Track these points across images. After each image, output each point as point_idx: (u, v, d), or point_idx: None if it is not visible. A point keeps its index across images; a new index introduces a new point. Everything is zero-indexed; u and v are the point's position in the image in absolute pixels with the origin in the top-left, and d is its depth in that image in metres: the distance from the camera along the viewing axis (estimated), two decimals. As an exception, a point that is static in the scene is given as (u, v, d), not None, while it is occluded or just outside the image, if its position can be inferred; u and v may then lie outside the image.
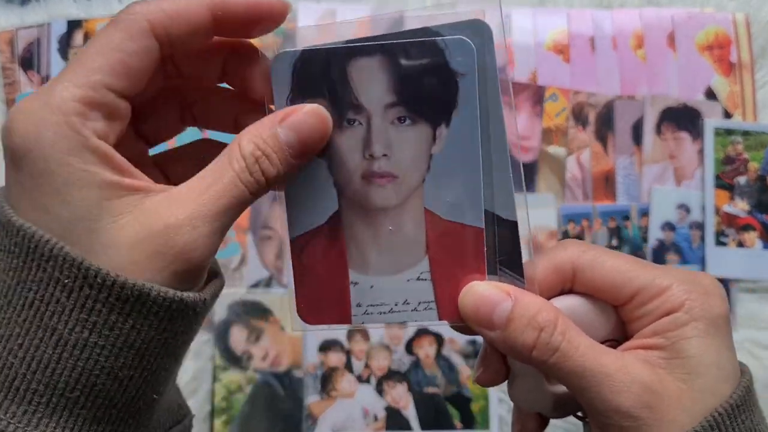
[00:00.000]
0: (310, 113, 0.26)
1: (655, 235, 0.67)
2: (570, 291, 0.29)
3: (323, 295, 0.29)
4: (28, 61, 0.71)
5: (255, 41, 0.28)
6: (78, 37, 0.70)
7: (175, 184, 0.25)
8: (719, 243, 0.67)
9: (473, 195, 0.27)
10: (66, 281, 0.22)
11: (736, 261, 0.67)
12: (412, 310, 0.28)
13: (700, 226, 0.67)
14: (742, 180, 0.68)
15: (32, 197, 0.23)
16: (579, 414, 0.32)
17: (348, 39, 0.27)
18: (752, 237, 0.67)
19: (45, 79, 0.70)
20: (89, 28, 0.70)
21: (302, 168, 0.27)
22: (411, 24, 0.28)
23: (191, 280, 0.25)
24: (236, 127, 0.29)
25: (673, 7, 0.71)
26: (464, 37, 0.26)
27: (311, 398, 0.64)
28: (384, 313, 0.28)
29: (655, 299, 0.27)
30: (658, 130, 0.68)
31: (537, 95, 0.68)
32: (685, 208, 0.67)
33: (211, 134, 0.32)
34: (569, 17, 0.70)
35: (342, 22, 0.30)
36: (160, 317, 0.23)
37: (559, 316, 0.27)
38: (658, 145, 0.68)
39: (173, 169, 0.30)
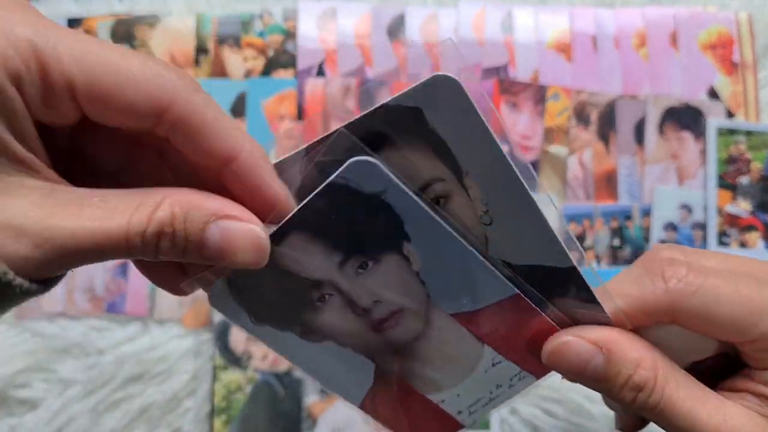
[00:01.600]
0: (252, 235, 0.22)
1: (658, 235, 0.66)
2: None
3: (422, 423, 0.27)
4: (28, 59, 0.71)
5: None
6: (78, 35, 0.70)
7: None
8: (721, 243, 0.67)
9: (481, 275, 0.25)
10: None
11: (739, 261, 0.67)
12: (509, 387, 0.27)
13: (702, 227, 0.67)
14: (744, 180, 0.68)
15: None
16: None
17: None
18: (755, 237, 0.67)
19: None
20: (89, 26, 0.70)
21: (318, 360, 0.25)
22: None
23: None
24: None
25: (676, 6, 0.71)
26: (352, 160, 0.22)
27: (311, 398, 0.64)
28: (486, 404, 0.27)
29: None
30: (661, 129, 0.68)
31: (538, 94, 0.68)
32: (687, 208, 0.67)
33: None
34: (571, 16, 0.69)
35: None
36: None
37: (658, 367, 0.24)
38: (661, 145, 0.68)
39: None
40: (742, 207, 0.67)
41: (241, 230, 0.21)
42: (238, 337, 0.64)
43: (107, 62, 0.20)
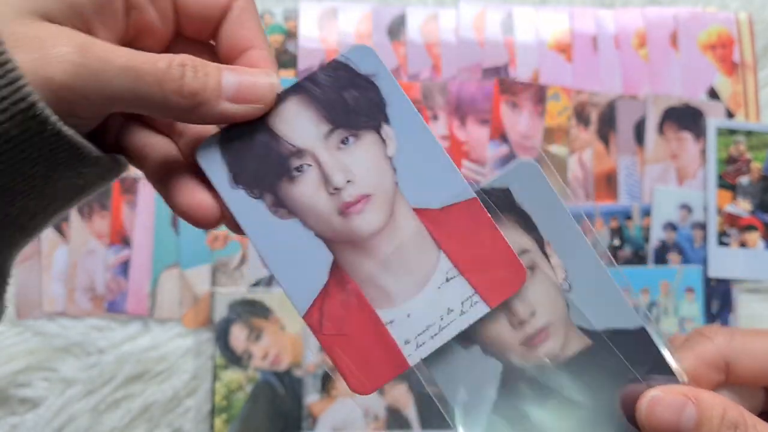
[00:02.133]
0: (263, 72, 0.26)
1: (657, 235, 0.67)
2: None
3: (367, 355, 0.27)
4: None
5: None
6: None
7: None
8: (721, 243, 0.67)
9: (447, 173, 0.27)
10: None
11: (738, 261, 0.67)
12: (460, 315, 0.27)
13: (702, 227, 0.67)
14: (744, 180, 0.68)
15: None
16: None
17: None
18: (754, 237, 0.67)
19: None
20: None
21: (278, 240, 0.27)
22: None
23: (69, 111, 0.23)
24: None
25: (676, 6, 0.71)
26: (355, 45, 0.27)
27: (311, 397, 0.64)
28: (435, 335, 0.27)
29: None
30: (661, 129, 0.68)
31: (539, 94, 0.68)
32: (687, 208, 0.67)
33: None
34: (571, 16, 0.70)
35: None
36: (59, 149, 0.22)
37: (743, 409, 0.26)
38: (661, 145, 0.68)
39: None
40: (742, 207, 0.67)
41: (255, 75, 0.25)
42: (238, 337, 0.64)
43: None
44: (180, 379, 0.64)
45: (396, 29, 0.69)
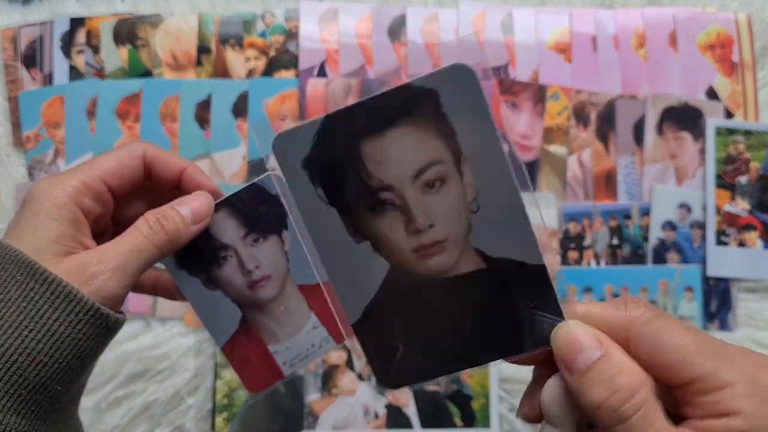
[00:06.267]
0: (199, 194, 0.37)
1: (656, 234, 0.67)
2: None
3: (259, 371, 0.39)
4: (31, 58, 0.71)
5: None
6: (80, 34, 0.71)
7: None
8: (720, 242, 0.67)
9: (315, 261, 0.34)
10: (18, 276, 0.31)
11: (737, 260, 0.67)
12: (319, 347, 0.39)
13: (701, 226, 0.67)
14: (743, 179, 0.68)
15: (17, 228, 0.32)
16: None
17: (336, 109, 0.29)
18: (753, 237, 0.67)
19: (47, 77, 0.70)
20: (91, 26, 0.70)
21: (208, 302, 0.38)
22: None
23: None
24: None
25: (675, 7, 0.71)
26: (269, 173, 0.35)
27: (312, 396, 0.64)
28: (302, 359, 0.40)
29: (711, 393, 0.25)
30: (660, 129, 0.68)
31: (538, 94, 0.68)
32: (686, 208, 0.67)
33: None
34: (571, 16, 0.70)
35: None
36: (79, 317, 0.31)
37: (644, 386, 0.26)
38: (660, 145, 0.68)
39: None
40: (741, 206, 0.68)
41: (197, 199, 0.36)
42: (239, 335, 0.64)
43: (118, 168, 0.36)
44: (181, 378, 0.64)
45: (396, 30, 0.69)
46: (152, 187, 0.38)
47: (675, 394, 0.26)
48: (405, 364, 0.31)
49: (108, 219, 0.37)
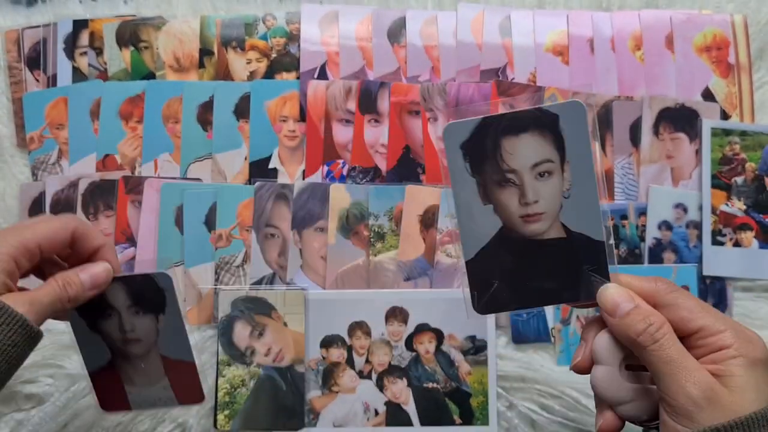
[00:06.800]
0: (102, 265, 0.48)
1: (653, 234, 0.67)
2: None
3: (112, 398, 0.53)
4: (34, 60, 0.71)
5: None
6: (83, 36, 0.71)
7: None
8: (716, 242, 0.67)
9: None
10: None
11: (733, 260, 0.67)
12: (163, 403, 0.52)
13: (697, 226, 0.68)
14: (739, 180, 0.68)
15: None
16: (646, 424, 0.41)
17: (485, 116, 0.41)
18: (749, 236, 0.68)
19: (50, 79, 0.71)
20: (94, 28, 0.71)
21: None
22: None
23: None
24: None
25: (672, 9, 0.72)
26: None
27: (313, 393, 0.64)
28: (149, 405, 0.53)
29: (711, 337, 0.37)
30: (656, 130, 0.69)
31: (536, 96, 0.68)
32: (682, 208, 0.68)
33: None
34: (569, 19, 0.70)
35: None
36: (10, 326, 0.41)
37: (665, 322, 0.38)
38: (656, 146, 0.69)
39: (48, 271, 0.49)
40: (737, 206, 0.68)
41: (95, 268, 0.48)
42: (241, 333, 0.65)
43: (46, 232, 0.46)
44: (184, 376, 0.65)
45: (396, 32, 0.70)
46: (72, 253, 0.48)
47: (684, 344, 0.37)
48: (496, 296, 0.42)
49: (31, 269, 0.47)
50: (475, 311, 0.42)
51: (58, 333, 0.65)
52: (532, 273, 0.42)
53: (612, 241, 0.41)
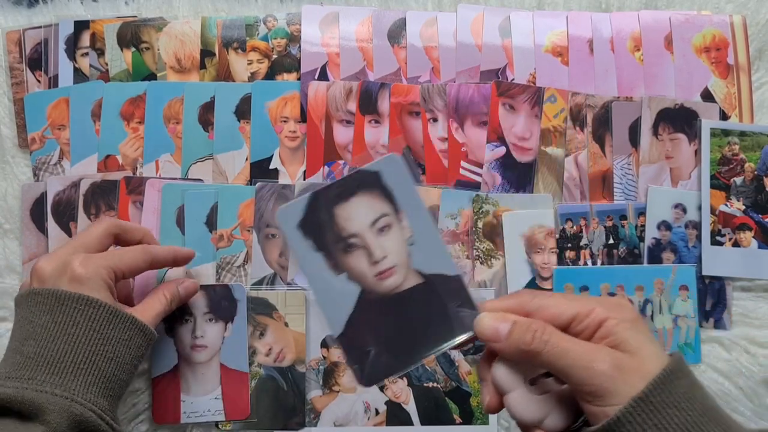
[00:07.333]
0: (191, 283, 0.60)
1: (652, 234, 0.67)
2: None
3: (166, 407, 0.57)
4: (36, 61, 0.72)
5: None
6: (85, 37, 0.71)
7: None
8: (715, 242, 0.68)
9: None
10: (89, 312, 0.50)
11: (732, 260, 0.67)
12: (212, 414, 0.55)
13: (696, 226, 0.68)
14: (738, 180, 0.68)
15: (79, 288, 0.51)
16: (573, 428, 0.41)
17: (309, 191, 0.42)
18: (748, 237, 0.68)
19: (52, 79, 0.71)
20: (96, 29, 0.71)
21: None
22: None
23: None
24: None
25: (671, 10, 0.72)
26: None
27: (314, 393, 0.65)
28: (197, 416, 0.56)
29: (588, 317, 0.39)
30: (655, 131, 0.69)
31: (535, 97, 0.69)
32: (681, 208, 0.68)
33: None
34: (568, 20, 0.71)
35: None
36: (134, 331, 0.52)
37: (545, 323, 0.39)
38: (655, 146, 0.69)
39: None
40: (736, 207, 0.68)
41: (187, 282, 0.60)
42: (242, 334, 0.65)
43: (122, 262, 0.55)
44: (185, 375, 0.65)
45: (396, 33, 0.70)
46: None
47: (571, 334, 0.39)
48: (376, 363, 0.41)
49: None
50: (363, 386, 0.42)
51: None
52: (403, 328, 0.42)
53: (466, 271, 0.44)
